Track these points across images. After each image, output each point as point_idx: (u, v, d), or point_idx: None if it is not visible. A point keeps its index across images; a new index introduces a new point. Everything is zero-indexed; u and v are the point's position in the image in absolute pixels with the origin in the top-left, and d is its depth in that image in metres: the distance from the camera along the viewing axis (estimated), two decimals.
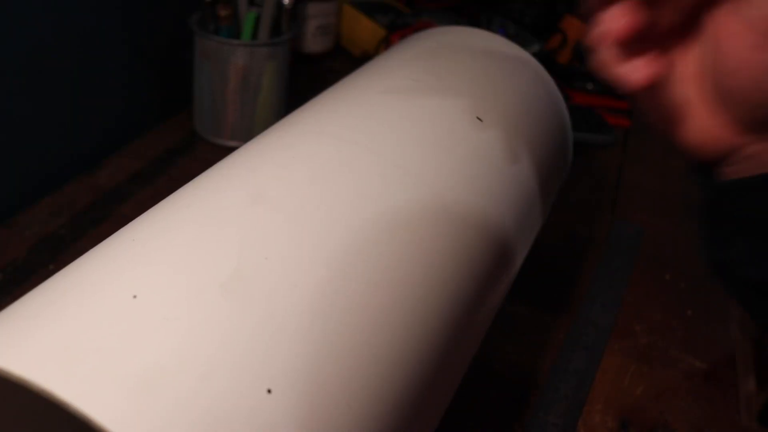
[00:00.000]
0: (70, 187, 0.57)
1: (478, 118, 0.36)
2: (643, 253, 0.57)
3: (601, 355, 0.47)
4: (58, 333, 0.21)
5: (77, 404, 0.19)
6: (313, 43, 0.83)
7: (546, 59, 0.72)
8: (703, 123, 0.27)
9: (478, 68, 0.41)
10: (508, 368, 0.45)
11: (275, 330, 0.23)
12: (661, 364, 0.47)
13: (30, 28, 0.52)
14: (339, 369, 0.24)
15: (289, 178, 0.29)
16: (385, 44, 0.79)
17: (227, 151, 0.39)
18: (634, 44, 0.26)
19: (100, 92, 0.61)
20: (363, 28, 0.84)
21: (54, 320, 0.22)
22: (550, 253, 0.55)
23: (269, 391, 0.22)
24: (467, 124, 0.36)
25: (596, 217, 0.62)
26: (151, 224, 0.27)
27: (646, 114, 0.29)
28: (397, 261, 0.28)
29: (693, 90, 0.27)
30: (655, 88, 0.27)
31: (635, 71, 0.25)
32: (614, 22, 0.25)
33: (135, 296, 0.22)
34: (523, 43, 0.65)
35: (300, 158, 0.30)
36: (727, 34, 0.24)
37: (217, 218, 0.26)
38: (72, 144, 0.59)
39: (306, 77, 0.79)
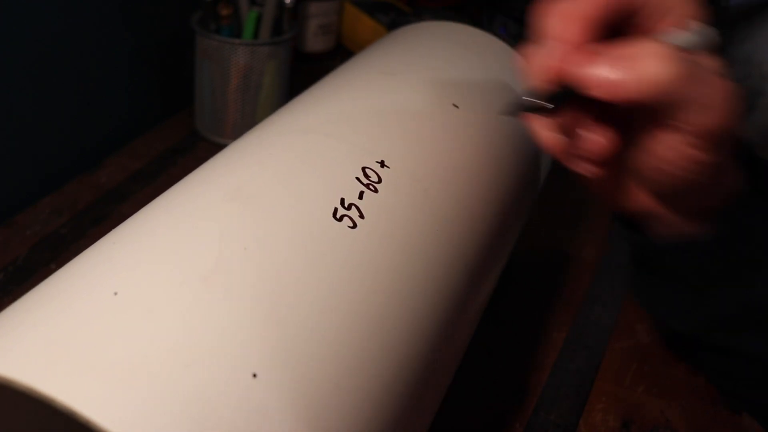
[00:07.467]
0: (70, 186, 0.57)
1: (454, 105, 0.36)
2: None
3: (602, 354, 0.47)
4: (40, 334, 0.21)
5: (61, 398, 0.19)
6: (315, 42, 0.83)
7: None
8: (629, 194, 0.34)
9: (455, 60, 0.41)
10: (509, 367, 0.45)
11: (258, 317, 0.23)
12: (663, 363, 0.47)
13: (30, 28, 0.52)
14: (326, 350, 0.24)
15: (265, 173, 0.30)
16: None
17: None
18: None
19: (100, 91, 0.61)
20: (364, 27, 0.84)
21: (35, 323, 0.22)
22: (550, 252, 0.55)
23: (255, 375, 0.22)
24: (443, 110, 0.36)
25: (597, 215, 0.62)
26: (132, 228, 0.27)
27: (585, 184, 0.34)
28: (377, 244, 0.29)
29: (622, 173, 0.33)
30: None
31: (587, 169, 0.31)
32: (592, 143, 0.29)
33: (116, 293, 0.23)
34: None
35: (276, 154, 0.31)
36: (659, 143, 0.30)
37: (196, 216, 0.27)
38: (73, 143, 0.59)
39: (307, 76, 0.78)
